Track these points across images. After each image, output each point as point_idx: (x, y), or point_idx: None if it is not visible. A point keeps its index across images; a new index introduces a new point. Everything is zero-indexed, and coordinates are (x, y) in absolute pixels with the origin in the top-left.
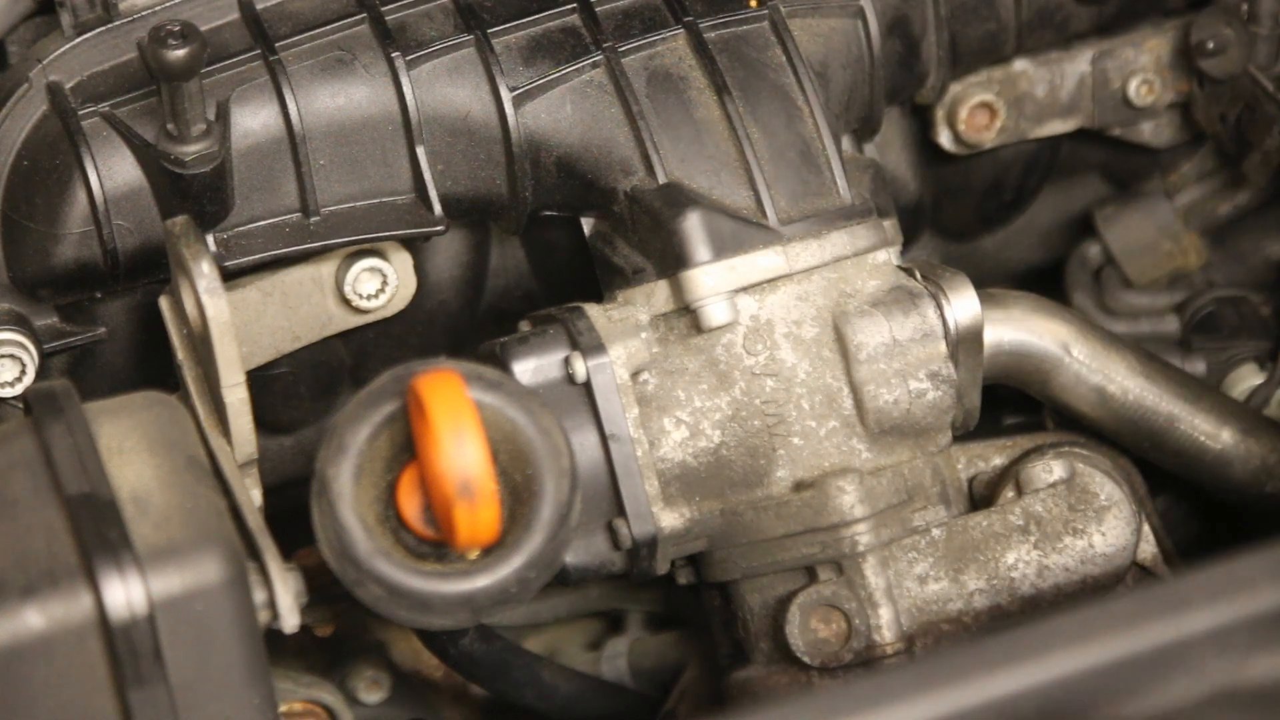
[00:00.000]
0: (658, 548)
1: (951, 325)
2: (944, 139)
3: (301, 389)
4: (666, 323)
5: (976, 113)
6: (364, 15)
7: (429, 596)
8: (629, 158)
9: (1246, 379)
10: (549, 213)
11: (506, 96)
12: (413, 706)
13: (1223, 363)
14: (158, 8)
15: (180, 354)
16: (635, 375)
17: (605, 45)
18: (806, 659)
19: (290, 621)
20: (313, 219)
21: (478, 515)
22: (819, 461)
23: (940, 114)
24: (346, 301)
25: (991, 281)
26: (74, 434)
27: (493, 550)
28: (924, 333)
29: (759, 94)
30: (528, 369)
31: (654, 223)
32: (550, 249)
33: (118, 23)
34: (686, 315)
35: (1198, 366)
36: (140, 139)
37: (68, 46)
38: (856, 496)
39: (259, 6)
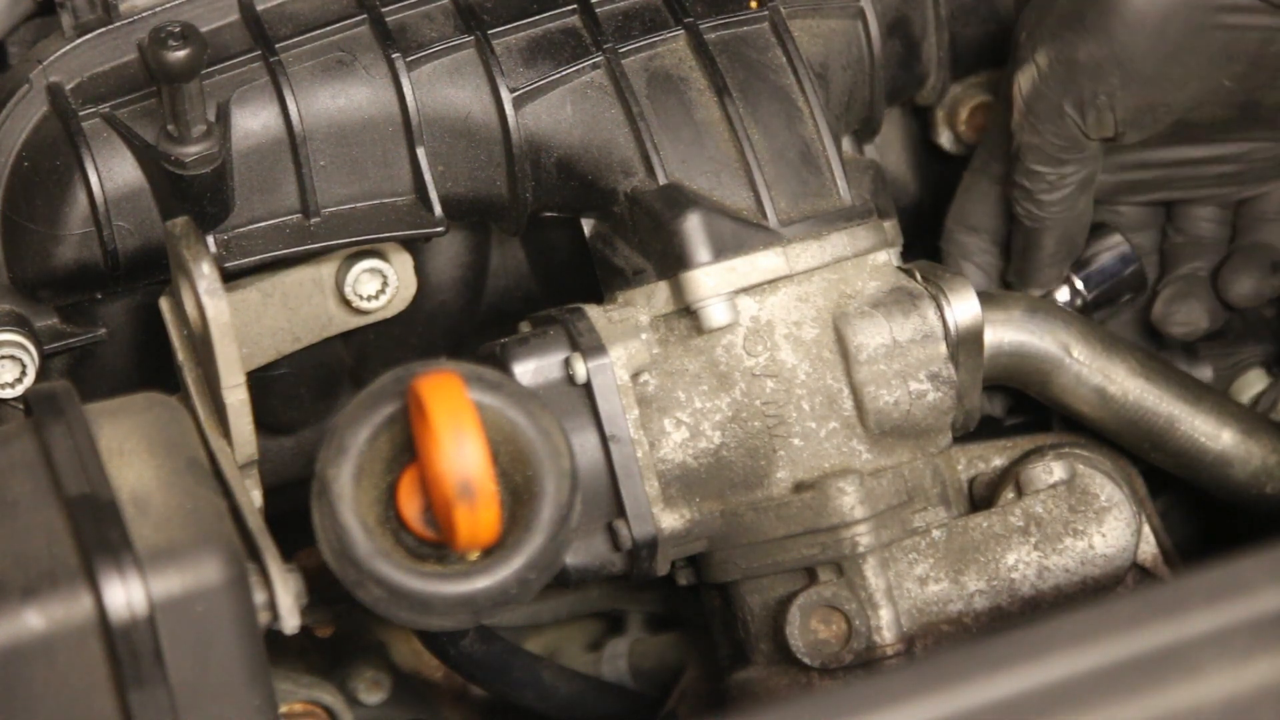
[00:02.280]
0: (658, 549)
1: (952, 326)
2: (944, 140)
3: (302, 390)
4: (667, 324)
5: (977, 113)
6: (364, 16)
7: (429, 597)
8: (629, 159)
9: (1253, 384)
10: (549, 214)
11: (507, 98)
12: (413, 707)
13: (1229, 368)
14: (158, 9)
15: (180, 355)
16: (635, 376)
17: (605, 46)
18: (807, 660)
19: (290, 622)
20: (313, 220)
21: (478, 516)
22: (819, 462)
23: (940, 115)
24: (347, 302)
25: None
26: (74, 435)
27: (493, 551)
28: (924, 334)
29: (759, 95)
30: (528, 370)
31: (654, 224)
32: (550, 250)
33: (118, 24)
34: (687, 316)
35: (1204, 372)
36: (141, 140)
37: (68, 48)
38: (857, 498)
39: (259, 8)
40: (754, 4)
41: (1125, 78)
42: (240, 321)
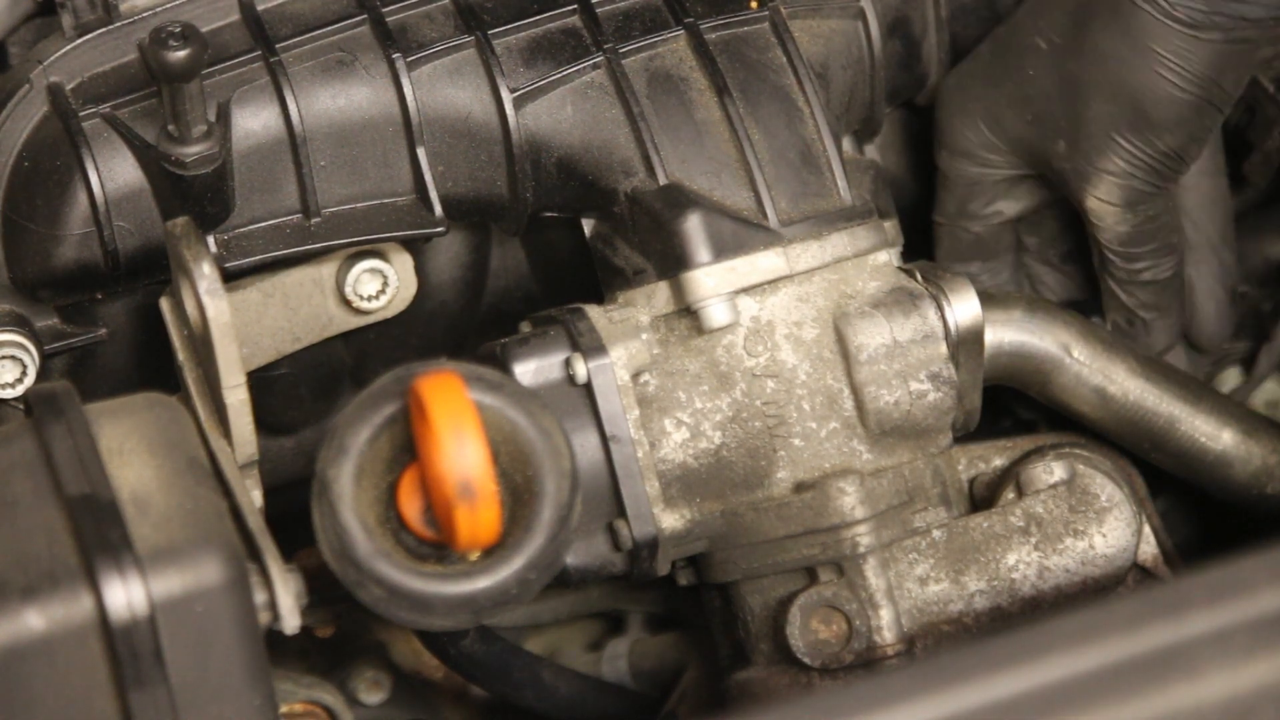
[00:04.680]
0: (658, 549)
1: (952, 326)
2: None
3: (302, 390)
4: (667, 324)
5: None
6: (365, 16)
7: (430, 598)
8: (629, 159)
9: (1228, 382)
10: (549, 214)
11: (507, 98)
12: (413, 707)
13: (1214, 362)
14: (159, 9)
15: (181, 355)
16: (636, 376)
17: (606, 46)
18: (807, 660)
19: (291, 623)
20: (313, 220)
21: (478, 516)
22: (820, 463)
23: None
24: (347, 303)
25: None
26: (74, 435)
27: (493, 551)
28: (924, 334)
29: (759, 95)
30: (528, 370)
31: (654, 224)
32: (551, 250)
33: (118, 24)
34: (687, 316)
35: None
36: (141, 140)
37: (69, 48)
38: (857, 498)
39: (260, 8)
40: (754, 4)
41: (1198, 142)
42: (240, 321)
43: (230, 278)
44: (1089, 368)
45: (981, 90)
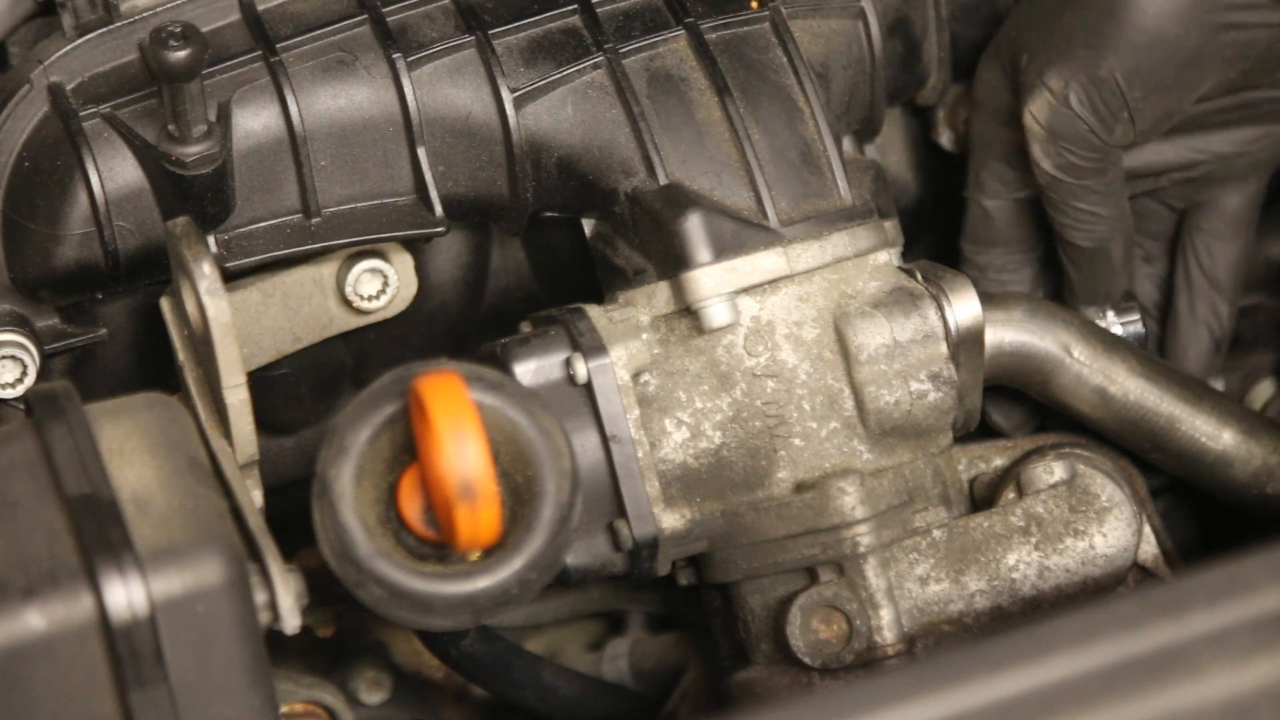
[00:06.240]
0: (659, 549)
1: (952, 326)
2: (945, 140)
3: (302, 390)
4: (667, 324)
5: None
6: (365, 16)
7: (430, 598)
8: (630, 159)
9: (1265, 395)
10: (550, 214)
11: (507, 98)
12: (414, 707)
13: (1241, 379)
14: (159, 9)
15: (181, 355)
16: (636, 376)
17: (606, 46)
18: (807, 660)
19: (291, 623)
20: (314, 220)
21: (479, 516)
22: (820, 463)
23: (941, 115)
24: (347, 302)
25: None
26: (75, 435)
27: (494, 551)
28: (925, 334)
29: (760, 95)
30: (529, 370)
31: (655, 224)
32: (551, 250)
33: (119, 24)
34: (687, 316)
35: (1215, 384)
36: (141, 140)
37: (69, 48)
38: (857, 498)
39: (260, 8)
40: (754, 4)
41: (1147, 89)
42: (241, 321)
43: (230, 278)
44: (1089, 368)
45: (1004, 26)
